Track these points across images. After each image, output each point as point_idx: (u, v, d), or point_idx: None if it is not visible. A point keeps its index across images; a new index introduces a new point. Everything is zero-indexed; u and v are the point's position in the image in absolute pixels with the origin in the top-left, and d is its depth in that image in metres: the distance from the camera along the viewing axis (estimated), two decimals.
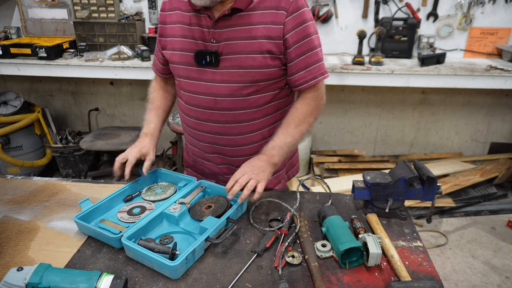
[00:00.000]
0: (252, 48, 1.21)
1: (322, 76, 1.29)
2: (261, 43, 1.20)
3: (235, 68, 1.23)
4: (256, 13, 1.20)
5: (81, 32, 3.09)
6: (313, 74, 1.27)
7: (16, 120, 3.18)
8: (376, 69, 2.73)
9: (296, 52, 1.23)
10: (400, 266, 1.01)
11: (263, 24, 1.20)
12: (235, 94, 1.26)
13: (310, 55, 1.24)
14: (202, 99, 1.31)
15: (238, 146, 1.37)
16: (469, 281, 2.39)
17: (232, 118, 1.31)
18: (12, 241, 1.15)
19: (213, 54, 1.23)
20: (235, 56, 1.23)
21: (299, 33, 1.21)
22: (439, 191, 1.21)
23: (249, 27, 1.20)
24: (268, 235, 1.13)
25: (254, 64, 1.22)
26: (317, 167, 3.47)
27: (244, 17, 1.21)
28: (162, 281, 0.99)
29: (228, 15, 1.21)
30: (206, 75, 1.27)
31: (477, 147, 3.63)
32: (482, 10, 2.98)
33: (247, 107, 1.29)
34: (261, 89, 1.28)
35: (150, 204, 1.30)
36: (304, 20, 1.21)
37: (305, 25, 1.21)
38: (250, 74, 1.23)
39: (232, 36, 1.22)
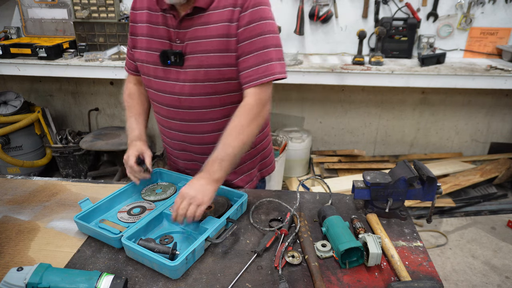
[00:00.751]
0: (212, 47, 1.20)
1: (267, 77, 1.19)
2: (219, 42, 1.20)
3: (198, 67, 1.23)
4: (217, 12, 1.20)
5: (81, 32, 3.09)
6: (259, 73, 1.19)
7: (16, 120, 3.18)
8: (376, 69, 2.73)
9: (245, 49, 1.19)
10: (400, 266, 1.01)
11: (221, 22, 1.19)
12: (199, 93, 1.27)
13: (260, 54, 1.19)
14: (168, 97, 1.32)
15: (204, 144, 1.38)
16: (469, 281, 2.39)
17: (197, 116, 1.31)
18: (12, 241, 1.15)
19: (178, 54, 1.24)
20: (197, 56, 1.23)
21: (252, 30, 1.18)
22: (439, 191, 1.21)
23: (209, 26, 1.20)
24: (268, 235, 1.13)
25: (214, 63, 1.22)
26: (317, 167, 3.47)
27: (206, 16, 1.20)
28: (162, 281, 1.00)
29: (190, 14, 1.21)
30: (172, 74, 1.28)
31: (477, 147, 3.63)
32: (482, 10, 2.98)
33: (211, 106, 1.29)
34: (225, 89, 1.27)
35: (150, 204, 1.30)
36: (260, 17, 1.18)
37: (260, 23, 1.18)
38: (211, 73, 1.23)
39: (195, 35, 1.22)
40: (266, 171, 1.58)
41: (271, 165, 1.61)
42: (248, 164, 1.48)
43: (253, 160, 1.49)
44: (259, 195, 1.38)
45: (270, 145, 1.58)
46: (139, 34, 1.33)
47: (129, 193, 1.36)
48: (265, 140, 1.53)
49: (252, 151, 1.46)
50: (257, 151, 1.49)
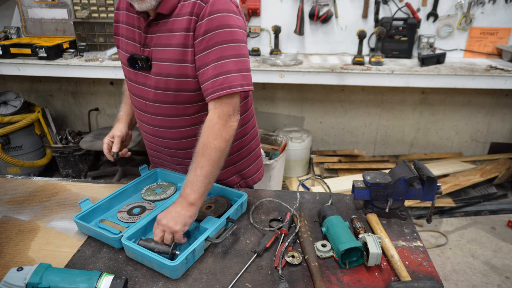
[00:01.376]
0: (171, 56, 1.17)
1: (224, 90, 1.10)
2: (177, 51, 1.16)
3: (160, 75, 1.21)
4: (177, 19, 1.15)
5: (81, 32, 3.09)
6: (216, 86, 1.11)
7: (16, 120, 3.18)
8: (376, 69, 2.73)
9: (202, 60, 1.13)
10: (400, 266, 1.01)
11: (180, 31, 1.14)
12: (161, 100, 1.25)
13: (216, 66, 1.11)
14: (137, 100, 1.33)
15: (171, 148, 1.37)
16: (469, 281, 2.39)
17: (162, 123, 1.30)
18: (12, 241, 1.15)
19: (143, 60, 1.22)
20: (159, 63, 1.20)
21: (208, 40, 1.10)
22: (439, 191, 1.21)
23: (170, 34, 1.16)
24: (268, 235, 1.13)
25: (172, 73, 1.18)
26: (317, 167, 3.47)
27: (168, 23, 1.16)
28: (162, 281, 1.00)
29: (154, 20, 1.18)
30: (140, 78, 1.27)
31: (477, 147, 3.63)
32: (482, 10, 2.98)
33: (175, 114, 1.27)
34: (186, 99, 1.23)
35: (150, 204, 1.30)
36: (216, 26, 1.10)
37: (216, 32, 1.10)
38: (171, 83, 1.20)
39: (158, 42, 1.19)
40: (251, 180, 1.52)
41: (256, 174, 1.54)
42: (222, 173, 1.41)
43: (227, 170, 1.44)
44: (259, 195, 1.38)
45: (251, 156, 1.50)
46: (120, 34, 1.33)
47: (129, 193, 1.36)
48: (242, 151, 1.45)
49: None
50: (231, 161, 1.43)
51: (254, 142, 1.50)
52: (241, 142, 1.42)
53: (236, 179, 1.47)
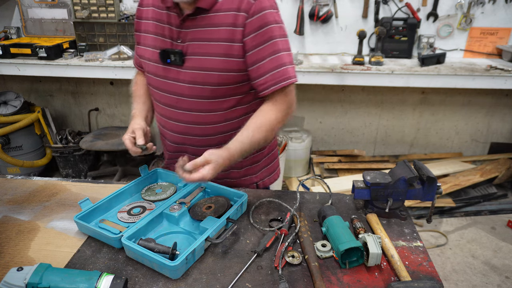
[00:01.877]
0: (214, 50, 1.18)
1: (285, 81, 1.19)
2: (222, 46, 1.18)
3: (197, 69, 1.22)
4: (220, 14, 1.17)
5: (81, 32, 3.09)
6: (276, 79, 1.19)
7: (16, 120, 3.18)
8: (376, 69, 2.73)
9: (257, 55, 1.18)
10: (400, 266, 1.01)
11: (225, 26, 1.16)
12: (197, 95, 1.25)
13: (273, 59, 1.18)
14: (166, 97, 1.31)
15: (200, 146, 1.36)
16: (469, 281, 2.39)
17: (194, 119, 1.30)
18: (12, 241, 1.15)
19: (177, 54, 1.22)
20: (198, 58, 1.21)
21: (260, 36, 1.16)
22: (439, 191, 1.21)
23: (212, 28, 1.18)
24: (268, 235, 1.13)
25: (215, 67, 1.20)
26: (317, 167, 3.47)
27: (208, 18, 1.18)
28: (162, 281, 1.00)
29: (193, 15, 1.19)
30: (171, 73, 1.27)
31: (477, 147, 3.63)
32: (482, 10, 2.98)
33: (210, 110, 1.27)
34: (223, 93, 1.25)
35: (150, 204, 1.30)
36: (266, 22, 1.16)
37: (267, 28, 1.16)
38: (211, 77, 1.21)
39: (196, 36, 1.20)
40: (268, 180, 1.55)
41: (273, 174, 1.57)
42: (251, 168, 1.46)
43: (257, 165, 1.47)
44: (259, 195, 1.38)
45: (270, 156, 1.54)
46: (143, 31, 1.33)
47: (129, 193, 1.36)
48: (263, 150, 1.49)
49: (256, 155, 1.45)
50: (261, 155, 1.47)
51: (274, 142, 1.54)
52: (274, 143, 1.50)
53: (254, 179, 1.49)
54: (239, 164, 1.42)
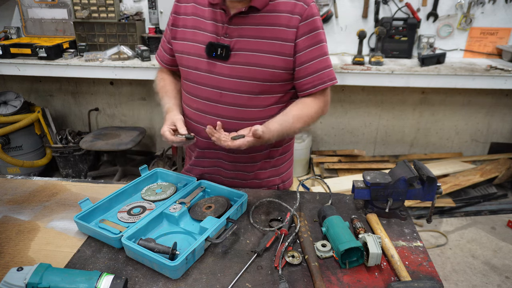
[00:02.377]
0: (263, 47, 1.24)
1: (331, 81, 1.31)
2: (272, 44, 1.23)
3: (244, 64, 1.25)
4: (272, 14, 1.23)
5: (81, 32, 3.09)
6: (322, 79, 1.29)
7: (16, 120, 3.18)
8: (376, 69, 2.73)
9: (307, 56, 1.26)
10: (400, 266, 1.01)
11: (277, 26, 1.23)
12: (241, 90, 1.28)
13: (320, 61, 1.27)
14: (208, 91, 1.32)
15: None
16: (469, 281, 2.39)
17: (235, 114, 1.31)
18: (12, 241, 1.15)
19: (225, 48, 1.25)
20: (246, 53, 1.25)
21: (311, 39, 1.25)
22: (439, 191, 1.21)
23: (263, 27, 1.23)
24: (268, 235, 1.13)
25: (263, 63, 1.24)
26: (317, 167, 3.47)
27: (260, 17, 1.24)
28: (162, 281, 1.00)
29: (244, 13, 1.23)
30: (215, 68, 1.29)
31: (477, 147, 3.63)
32: (482, 10, 2.98)
33: (251, 105, 1.30)
34: (267, 90, 1.29)
35: (150, 204, 1.30)
36: (317, 27, 1.25)
37: (317, 32, 1.25)
38: (258, 73, 1.25)
39: (246, 33, 1.25)
40: (288, 183, 1.57)
41: (291, 178, 1.60)
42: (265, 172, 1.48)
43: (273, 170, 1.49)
44: (259, 195, 1.38)
45: (291, 160, 1.58)
46: (181, 26, 1.35)
47: (129, 193, 1.36)
48: (287, 153, 1.53)
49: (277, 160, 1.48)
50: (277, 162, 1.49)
51: (291, 144, 1.57)
52: (289, 145, 1.51)
53: (277, 181, 1.52)
54: (266, 164, 1.46)
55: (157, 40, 3.09)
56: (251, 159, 1.42)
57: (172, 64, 1.48)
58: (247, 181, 1.47)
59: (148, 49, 2.90)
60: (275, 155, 1.46)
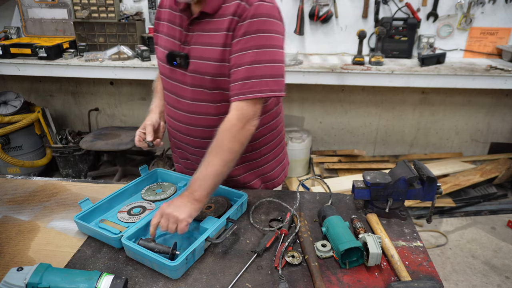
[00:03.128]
0: (211, 55, 1.18)
1: (252, 94, 1.11)
2: (217, 51, 1.17)
3: (197, 73, 1.23)
4: (220, 19, 1.17)
5: (81, 32, 3.09)
6: (245, 88, 1.12)
7: (16, 120, 3.18)
8: (376, 69, 2.73)
9: (236, 60, 1.13)
10: (400, 266, 1.01)
11: (222, 31, 1.16)
12: (196, 98, 1.27)
13: (250, 68, 1.11)
14: (170, 97, 1.34)
15: (198, 148, 1.37)
16: (469, 281, 2.39)
17: (193, 121, 1.31)
18: (12, 241, 1.15)
19: (183, 57, 1.23)
20: (198, 61, 1.22)
21: (246, 42, 1.11)
22: (439, 191, 1.21)
23: (212, 33, 1.18)
24: (268, 235, 1.13)
25: (210, 72, 1.20)
26: (317, 167, 3.47)
27: (211, 22, 1.18)
28: (162, 281, 1.00)
29: (198, 19, 1.20)
30: (177, 75, 1.29)
31: (477, 147, 3.63)
32: (482, 10, 2.98)
33: (208, 113, 1.28)
34: (221, 98, 1.24)
35: (150, 204, 1.30)
36: (257, 30, 1.11)
37: (255, 36, 1.11)
38: (208, 81, 1.22)
39: (199, 40, 1.21)
40: (271, 184, 1.54)
41: (277, 179, 1.55)
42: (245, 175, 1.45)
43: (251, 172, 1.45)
44: (259, 195, 1.38)
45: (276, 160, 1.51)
46: (160, 32, 1.35)
47: (129, 193, 1.36)
48: (268, 155, 1.46)
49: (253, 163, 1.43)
50: (256, 165, 1.45)
51: (280, 147, 1.51)
52: (268, 146, 1.44)
53: (258, 183, 1.48)
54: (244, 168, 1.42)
55: None
56: None
57: None
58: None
59: (148, 49, 2.90)
60: (252, 158, 1.41)
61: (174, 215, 1.05)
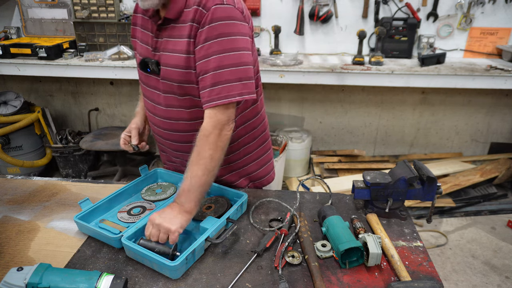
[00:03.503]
0: (176, 61, 1.18)
1: (221, 100, 1.10)
2: (182, 58, 1.16)
3: (167, 79, 1.22)
4: (182, 25, 1.15)
5: (81, 32, 3.09)
6: (213, 95, 1.11)
7: (16, 120, 3.18)
8: (376, 69, 2.73)
9: (202, 67, 1.12)
10: (400, 266, 1.01)
11: (184, 37, 1.15)
12: (168, 104, 1.27)
13: (215, 74, 1.10)
14: (148, 103, 1.35)
15: (178, 151, 1.38)
16: (469, 281, 2.39)
17: (169, 126, 1.32)
18: (12, 241, 1.15)
19: (154, 64, 1.23)
20: (165, 68, 1.21)
21: (208, 48, 1.10)
22: (439, 191, 1.21)
23: (176, 40, 1.17)
24: (268, 235, 1.13)
25: (176, 79, 1.20)
26: (317, 167, 3.47)
27: (176, 28, 1.17)
28: (162, 281, 1.00)
29: (163, 24, 1.19)
30: (151, 81, 1.29)
31: (477, 147, 3.63)
32: (482, 10, 2.98)
33: (182, 118, 1.28)
34: (190, 104, 1.24)
35: (150, 204, 1.30)
36: (218, 34, 1.09)
37: (216, 41, 1.09)
38: (176, 88, 1.22)
39: (165, 47, 1.20)
40: (259, 182, 1.51)
41: (266, 177, 1.53)
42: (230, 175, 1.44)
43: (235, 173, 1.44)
44: (259, 195, 1.38)
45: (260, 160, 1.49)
46: (136, 37, 1.34)
47: (129, 193, 1.36)
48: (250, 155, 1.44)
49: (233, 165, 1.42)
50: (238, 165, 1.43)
51: (264, 146, 1.48)
52: (249, 147, 1.42)
53: (244, 182, 1.47)
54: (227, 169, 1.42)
55: None
56: None
57: None
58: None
59: None
60: (233, 160, 1.40)
61: (165, 226, 1.04)
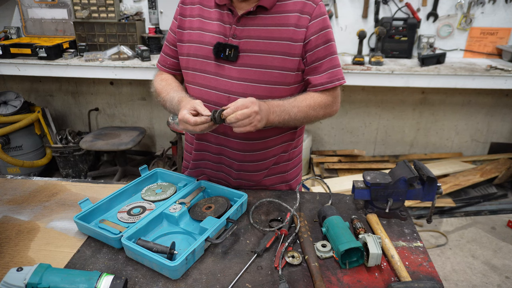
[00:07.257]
0: (273, 48, 1.22)
1: (338, 81, 1.29)
2: (282, 45, 1.21)
3: (253, 66, 1.23)
4: (280, 15, 1.22)
5: (81, 32, 3.09)
6: (331, 78, 1.27)
7: (16, 120, 3.18)
8: (376, 69, 2.73)
9: (317, 55, 1.25)
10: (400, 266, 1.01)
11: (286, 26, 1.21)
12: (250, 93, 1.23)
13: (330, 60, 1.26)
14: (215, 94, 1.28)
15: (239, 151, 1.34)
16: (469, 281, 2.39)
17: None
18: (12, 241, 1.15)
19: (233, 48, 1.23)
20: (255, 55, 1.22)
21: (321, 37, 1.23)
22: (439, 191, 1.21)
23: (272, 28, 1.22)
24: (268, 235, 1.13)
25: (272, 65, 1.22)
26: (317, 167, 3.47)
27: (268, 17, 1.22)
28: (162, 281, 1.00)
29: (252, 13, 1.22)
30: (223, 70, 1.26)
31: (477, 147, 3.63)
32: (482, 10, 2.98)
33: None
34: (276, 92, 1.25)
35: (150, 204, 1.30)
36: (326, 26, 1.24)
37: (326, 31, 1.24)
38: (267, 74, 1.23)
39: (254, 34, 1.23)
40: (294, 182, 1.53)
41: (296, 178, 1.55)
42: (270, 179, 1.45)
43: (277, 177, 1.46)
44: (259, 195, 1.38)
45: (297, 165, 1.54)
46: (187, 28, 1.32)
47: (129, 193, 1.36)
48: (294, 160, 1.49)
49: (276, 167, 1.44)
50: (280, 169, 1.45)
51: (299, 149, 1.54)
52: (293, 152, 1.47)
53: (284, 187, 1.49)
54: (273, 170, 1.43)
55: (157, 40, 3.09)
56: (257, 168, 1.39)
57: (176, 68, 1.43)
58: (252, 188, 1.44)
59: (148, 49, 2.90)
60: (280, 161, 1.42)
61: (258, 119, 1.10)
